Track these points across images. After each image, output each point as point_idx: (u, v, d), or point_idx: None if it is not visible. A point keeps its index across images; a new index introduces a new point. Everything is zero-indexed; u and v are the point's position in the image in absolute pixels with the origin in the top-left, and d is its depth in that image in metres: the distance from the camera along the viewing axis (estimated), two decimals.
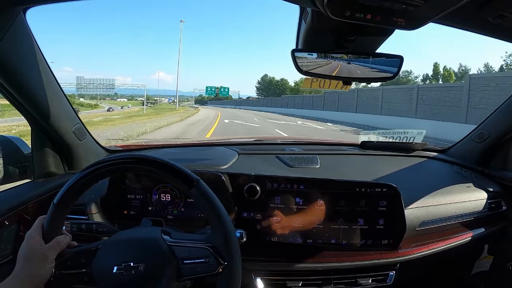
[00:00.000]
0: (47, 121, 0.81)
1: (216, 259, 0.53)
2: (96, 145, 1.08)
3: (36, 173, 0.87)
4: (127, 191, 0.89)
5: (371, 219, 0.83)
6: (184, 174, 0.56)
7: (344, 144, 1.46)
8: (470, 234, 0.95)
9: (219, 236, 0.54)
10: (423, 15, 0.54)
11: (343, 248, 0.83)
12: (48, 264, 0.52)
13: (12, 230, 0.74)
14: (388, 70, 0.73)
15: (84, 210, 0.85)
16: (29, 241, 0.53)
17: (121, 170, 0.61)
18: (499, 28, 0.63)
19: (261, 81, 67.05)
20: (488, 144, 1.13)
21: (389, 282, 0.83)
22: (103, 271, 0.52)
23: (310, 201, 0.84)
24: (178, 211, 0.88)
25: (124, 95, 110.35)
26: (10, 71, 0.67)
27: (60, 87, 0.83)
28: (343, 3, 0.50)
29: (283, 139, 1.57)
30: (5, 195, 0.78)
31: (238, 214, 0.85)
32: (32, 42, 0.70)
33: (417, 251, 0.86)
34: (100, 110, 53.74)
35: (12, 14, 0.61)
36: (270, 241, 0.84)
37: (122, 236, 0.58)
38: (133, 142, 6.66)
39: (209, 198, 0.55)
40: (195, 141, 1.88)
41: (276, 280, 0.81)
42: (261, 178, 0.86)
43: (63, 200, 0.54)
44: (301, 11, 0.68)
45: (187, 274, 0.54)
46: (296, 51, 0.71)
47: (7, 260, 0.73)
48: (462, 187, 1.05)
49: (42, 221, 0.55)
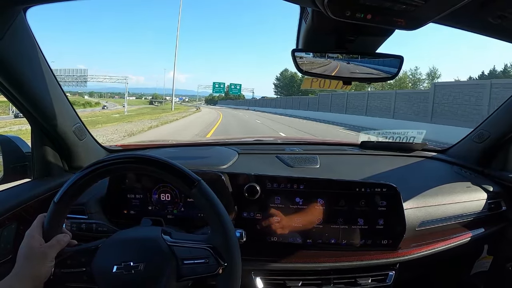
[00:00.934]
0: (47, 120, 0.81)
1: (216, 259, 0.53)
2: (96, 144, 1.08)
3: (36, 173, 0.87)
4: (127, 190, 0.89)
5: (371, 219, 0.83)
6: (185, 174, 0.56)
7: (344, 144, 1.46)
8: (469, 234, 0.95)
9: (220, 237, 0.54)
10: (423, 15, 0.54)
11: (343, 248, 0.83)
12: (48, 263, 0.51)
13: (12, 230, 0.74)
14: (388, 70, 0.73)
15: (84, 210, 0.85)
16: (29, 239, 0.53)
17: (122, 169, 0.61)
18: (499, 28, 0.63)
19: (280, 77, 55.42)
20: (488, 145, 1.13)
21: (388, 282, 0.83)
22: (103, 271, 0.52)
23: (310, 201, 0.84)
24: (178, 211, 0.88)
25: (135, 94, 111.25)
26: (10, 70, 0.67)
27: (60, 87, 0.83)
28: (343, 3, 0.50)
29: (283, 138, 1.57)
30: (5, 194, 0.78)
31: (238, 214, 0.85)
32: (32, 42, 0.70)
33: (417, 251, 0.86)
34: (96, 108, 53.36)
35: (13, 14, 0.61)
36: (270, 241, 0.84)
37: (122, 235, 0.58)
38: (133, 141, 6.65)
39: (210, 198, 0.55)
40: (195, 141, 1.89)
41: (275, 280, 0.81)
42: (261, 178, 0.86)
43: (64, 199, 0.54)
44: (301, 11, 0.68)
45: (187, 274, 0.54)
46: (296, 51, 0.71)
47: (7, 259, 0.73)
48: (462, 187, 1.05)
49: (42, 219, 0.55)
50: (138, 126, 12.53)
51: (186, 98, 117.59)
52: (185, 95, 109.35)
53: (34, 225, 0.55)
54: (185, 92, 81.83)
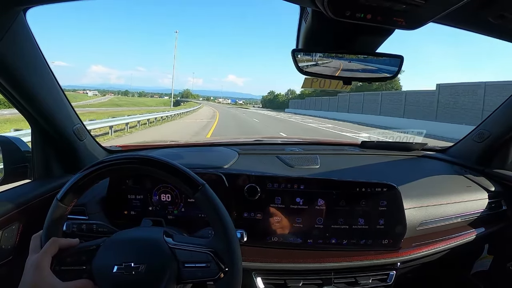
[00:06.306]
0: (47, 121, 0.81)
1: (217, 264, 0.52)
2: (96, 145, 1.08)
3: (36, 174, 0.87)
4: (127, 191, 0.88)
5: (372, 219, 0.83)
6: (190, 177, 0.55)
7: (344, 144, 1.46)
8: (470, 234, 0.95)
9: (222, 242, 0.54)
10: (423, 15, 0.54)
11: (344, 248, 0.83)
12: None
13: (12, 231, 0.74)
14: (388, 70, 0.73)
15: (84, 211, 0.85)
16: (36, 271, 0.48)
17: (124, 170, 0.61)
18: (499, 28, 0.64)
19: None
20: (488, 144, 1.13)
21: (389, 282, 0.83)
22: (103, 270, 0.52)
23: (310, 201, 0.84)
24: (178, 211, 0.88)
25: (168, 94, 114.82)
26: (10, 71, 0.66)
27: (60, 87, 0.83)
28: (343, 3, 0.50)
29: (283, 139, 1.57)
30: (5, 195, 0.77)
31: (239, 214, 0.85)
32: (32, 42, 0.70)
33: (417, 250, 0.86)
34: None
35: (12, 14, 0.61)
36: (270, 241, 0.84)
37: (124, 235, 0.57)
38: (133, 142, 6.65)
39: (213, 203, 0.55)
40: (195, 142, 1.88)
41: (276, 280, 0.81)
42: (262, 178, 0.86)
43: (67, 196, 0.54)
44: (301, 11, 0.68)
45: (187, 277, 0.53)
46: (296, 51, 0.70)
47: (7, 260, 0.73)
48: (462, 187, 1.05)
49: (38, 239, 0.53)
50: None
51: (241, 101, 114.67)
52: (243, 98, 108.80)
53: (33, 248, 0.51)
54: (241, 95, 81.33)
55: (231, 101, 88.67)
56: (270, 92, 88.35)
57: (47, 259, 0.50)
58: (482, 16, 0.60)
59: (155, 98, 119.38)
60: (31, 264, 0.49)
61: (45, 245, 0.51)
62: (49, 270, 0.49)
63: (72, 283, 0.50)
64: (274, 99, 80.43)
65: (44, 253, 0.50)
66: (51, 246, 0.51)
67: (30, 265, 0.49)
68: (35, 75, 0.73)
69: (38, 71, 0.74)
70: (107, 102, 63.39)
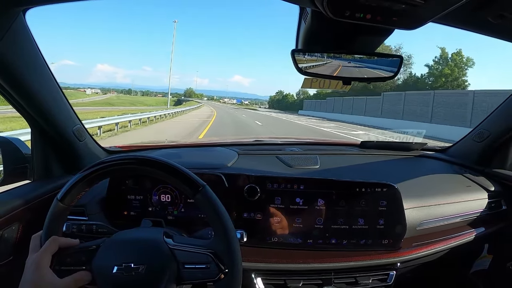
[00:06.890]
0: (47, 121, 0.81)
1: (217, 265, 0.52)
2: (96, 145, 1.08)
3: (36, 174, 0.87)
4: (127, 192, 0.88)
5: (371, 219, 0.83)
6: (190, 178, 0.55)
7: (344, 144, 1.46)
8: (470, 234, 0.95)
9: (222, 243, 0.54)
10: (423, 15, 0.54)
11: (344, 248, 0.83)
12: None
13: (12, 231, 0.74)
14: (388, 70, 0.73)
15: (84, 211, 0.85)
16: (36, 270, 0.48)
17: (124, 170, 0.61)
18: (499, 28, 0.64)
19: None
20: (488, 144, 1.13)
21: (389, 282, 0.83)
22: (103, 270, 0.52)
23: (310, 201, 0.84)
24: (178, 212, 0.88)
25: (174, 94, 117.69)
26: (9, 72, 0.66)
27: (60, 88, 0.83)
28: (343, 3, 0.50)
29: (283, 139, 1.57)
30: (5, 196, 0.77)
31: (238, 214, 0.85)
32: (31, 43, 0.70)
33: (417, 250, 0.86)
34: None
35: (12, 15, 0.61)
36: (270, 241, 0.84)
37: (124, 236, 0.57)
38: (133, 142, 6.61)
39: (214, 204, 0.55)
40: (195, 142, 1.88)
41: (276, 280, 0.81)
42: (261, 179, 0.86)
43: (68, 196, 0.54)
44: (300, 11, 0.68)
45: (187, 278, 0.53)
46: (296, 51, 0.70)
47: (7, 261, 0.73)
48: (462, 186, 1.05)
49: (38, 239, 0.53)
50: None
51: (246, 102, 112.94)
52: (248, 98, 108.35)
53: (33, 247, 0.51)
54: (246, 95, 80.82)
55: (237, 101, 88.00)
56: (279, 92, 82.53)
57: (47, 257, 0.50)
58: (481, 16, 0.60)
59: (158, 98, 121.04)
60: (31, 262, 0.49)
61: (45, 243, 0.51)
62: (49, 268, 0.49)
63: (70, 277, 0.50)
64: (283, 99, 74.70)
65: (44, 251, 0.50)
66: (51, 244, 0.51)
67: (30, 263, 0.49)
68: (35, 76, 0.73)
69: (38, 72, 0.74)
70: (101, 101, 62.59)
